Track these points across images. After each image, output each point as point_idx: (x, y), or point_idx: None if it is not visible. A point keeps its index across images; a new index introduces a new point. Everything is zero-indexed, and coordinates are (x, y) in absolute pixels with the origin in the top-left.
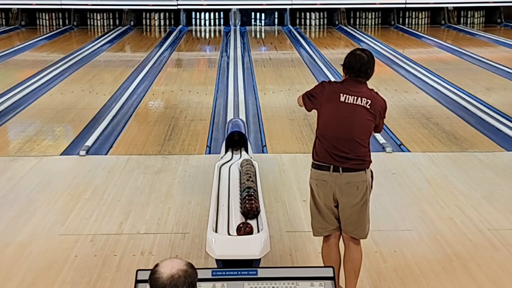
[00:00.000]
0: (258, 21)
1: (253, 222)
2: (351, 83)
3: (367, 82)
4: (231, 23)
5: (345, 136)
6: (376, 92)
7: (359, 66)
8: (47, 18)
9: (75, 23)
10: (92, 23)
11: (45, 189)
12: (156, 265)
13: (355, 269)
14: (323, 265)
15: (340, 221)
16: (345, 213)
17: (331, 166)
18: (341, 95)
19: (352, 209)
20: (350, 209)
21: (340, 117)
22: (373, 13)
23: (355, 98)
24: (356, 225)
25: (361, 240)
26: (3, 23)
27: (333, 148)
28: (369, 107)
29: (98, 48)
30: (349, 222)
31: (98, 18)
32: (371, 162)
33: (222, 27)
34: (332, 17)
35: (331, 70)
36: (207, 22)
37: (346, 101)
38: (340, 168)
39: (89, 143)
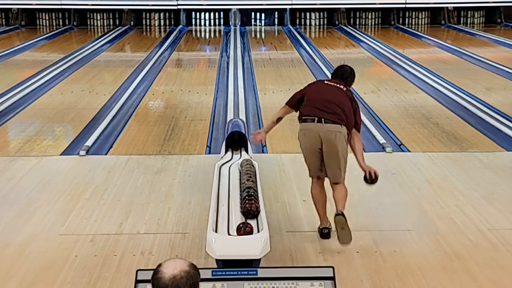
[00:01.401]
0: (258, 21)
1: (253, 222)
2: (333, 80)
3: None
4: (231, 23)
5: (328, 99)
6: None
7: (341, 73)
8: (47, 18)
9: (75, 23)
10: (92, 23)
11: (45, 189)
12: (159, 265)
13: (340, 199)
14: (313, 202)
15: (323, 167)
16: (327, 158)
17: (316, 118)
18: (325, 81)
19: (331, 154)
20: (329, 154)
21: (324, 90)
22: (373, 13)
23: (336, 84)
24: (334, 172)
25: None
26: (3, 23)
27: (317, 107)
28: (344, 90)
29: (98, 48)
30: (330, 168)
31: (98, 18)
32: (347, 124)
33: (222, 27)
34: (332, 17)
35: (331, 70)
36: (207, 22)
37: (329, 83)
38: (323, 119)
39: (89, 143)
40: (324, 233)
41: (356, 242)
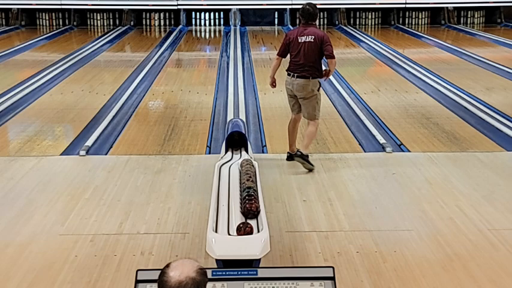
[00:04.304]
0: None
1: (253, 222)
2: (304, 28)
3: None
4: (231, 23)
5: (302, 63)
6: (319, 30)
7: (311, 17)
8: (47, 18)
9: (75, 23)
10: (92, 23)
11: (45, 189)
12: (168, 265)
13: (309, 135)
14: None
15: (298, 108)
16: (300, 103)
17: (292, 74)
18: (299, 37)
19: (303, 101)
20: (302, 101)
21: (300, 50)
22: (373, 13)
23: (306, 36)
24: (306, 112)
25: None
26: (3, 23)
27: (294, 66)
28: (313, 40)
29: (98, 48)
30: (302, 110)
31: (98, 18)
32: (317, 76)
33: (222, 27)
34: (332, 17)
35: None
36: (207, 22)
37: (301, 41)
38: (295, 75)
39: (89, 143)
40: (288, 156)
41: (356, 242)
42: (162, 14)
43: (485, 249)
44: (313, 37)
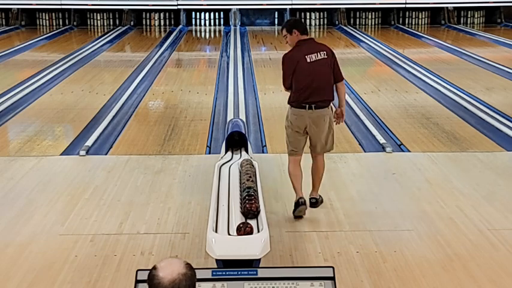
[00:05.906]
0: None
1: (253, 222)
2: (306, 44)
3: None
4: (231, 23)
5: (318, 87)
6: (322, 44)
7: (303, 26)
8: (47, 18)
9: (75, 23)
10: (92, 23)
11: (45, 189)
12: (154, 268)
13: (319, 175)
14: (291, 181)
15: (305, 146)
16: (316, 138)
17: (307, 105)
18: (306, 57)
19: (322, 134)
20: (320, 135)
21: (311, 74)
22: (373, 13)
23: (316, 54)
24: (327, 144)
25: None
26: (3, 23)
27: (310, 93)
28: (326, 56)
29: (98, 48)
30: (320, 144)
31: (98, 18)
32: (332, 101)
33: (222, 27)
34: (332, 17)
35: None
36: (207, 22)
37: (310, 60)
38: (313, 106)
39: (89, 143)
40: (301, 203)
41: (356, 242)
42: (162, 14)
43: (485, 249)
44: (324, 52)
